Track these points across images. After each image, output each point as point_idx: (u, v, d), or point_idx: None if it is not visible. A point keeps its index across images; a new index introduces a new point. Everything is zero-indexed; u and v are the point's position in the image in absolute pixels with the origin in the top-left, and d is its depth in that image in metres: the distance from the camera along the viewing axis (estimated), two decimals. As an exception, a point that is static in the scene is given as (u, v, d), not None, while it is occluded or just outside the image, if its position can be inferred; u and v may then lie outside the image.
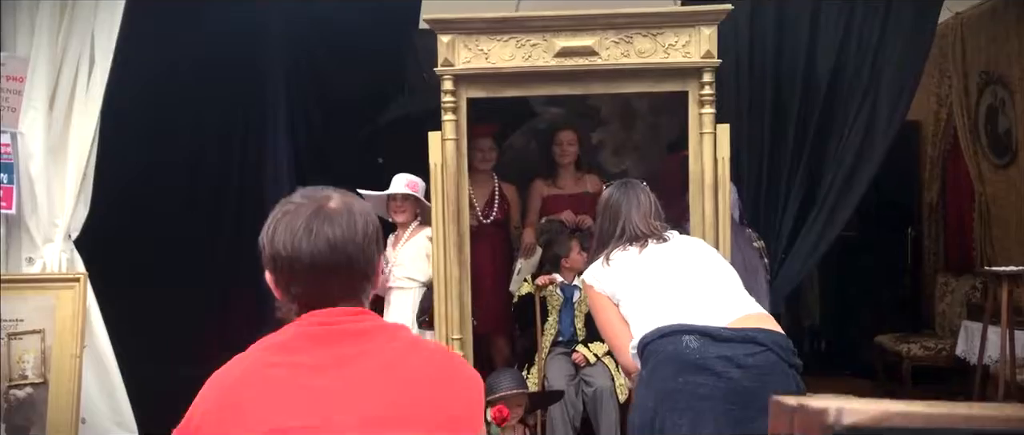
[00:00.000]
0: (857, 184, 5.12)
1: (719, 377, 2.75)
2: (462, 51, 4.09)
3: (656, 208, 3.28)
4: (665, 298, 2.98)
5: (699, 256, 3.18)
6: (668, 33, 4.07)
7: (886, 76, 4.98)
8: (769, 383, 2.70)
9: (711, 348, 2.80)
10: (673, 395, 2.80)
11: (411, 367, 1.59)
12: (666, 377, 2.81)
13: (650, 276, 3.06)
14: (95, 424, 4.10)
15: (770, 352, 2.82)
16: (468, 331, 4.22)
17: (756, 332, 2.86)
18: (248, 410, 1.53)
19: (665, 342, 2.85)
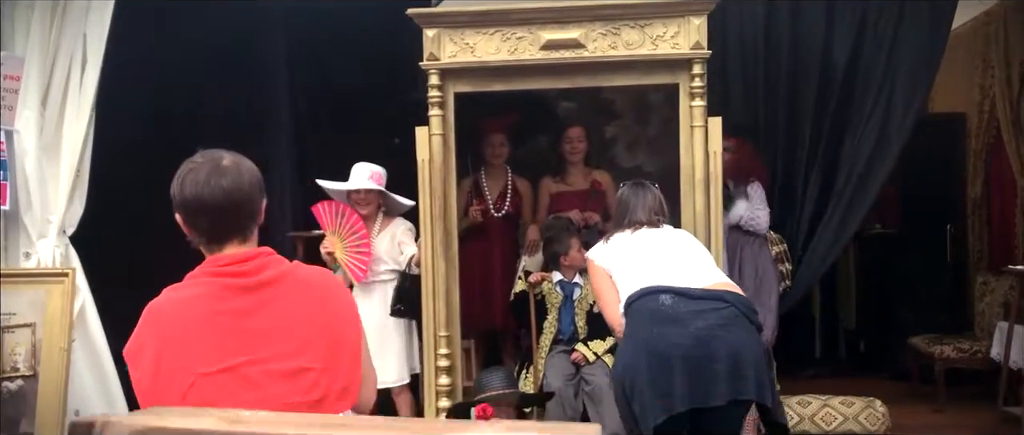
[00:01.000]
0: (873, 180, 5.02)
1: (686, 326, 3.26)
2: (448, 45, 4.05)
3: (661, 205, 3.76)
4: (649, 268, 3.49)
5: (681, 240, 3.68)
6: (656, 24, 3.98)
7: (902, 71, 4.93)
8: (731, 331, 3.27)
9: (683, 304, 3.32)
10: (648, 343, 3.29)
11: (309, 300, 2.08)
12: (643, 329, 3.34)
13: (638, 251, 3.59)
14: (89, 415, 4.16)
15: (733, 308, 3.33)
16: (456, 328, 4.18)
17: (725, 293, 3.40)
18: (198, 352, 1.97)
19: (646, 300, 3.38)
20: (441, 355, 4.12)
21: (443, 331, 4.13)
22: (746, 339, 3.31)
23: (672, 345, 3.26)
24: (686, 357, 3.24)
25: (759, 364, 3.33)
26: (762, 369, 3.34)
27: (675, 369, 3.23)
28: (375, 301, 4.56)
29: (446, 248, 4.14)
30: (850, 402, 5.55)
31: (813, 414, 5.47)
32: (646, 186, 3.80)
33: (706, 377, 3.23)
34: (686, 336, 3.26)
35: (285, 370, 1.99)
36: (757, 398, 3.31)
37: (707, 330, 3.27)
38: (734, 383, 3.26)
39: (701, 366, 3.23)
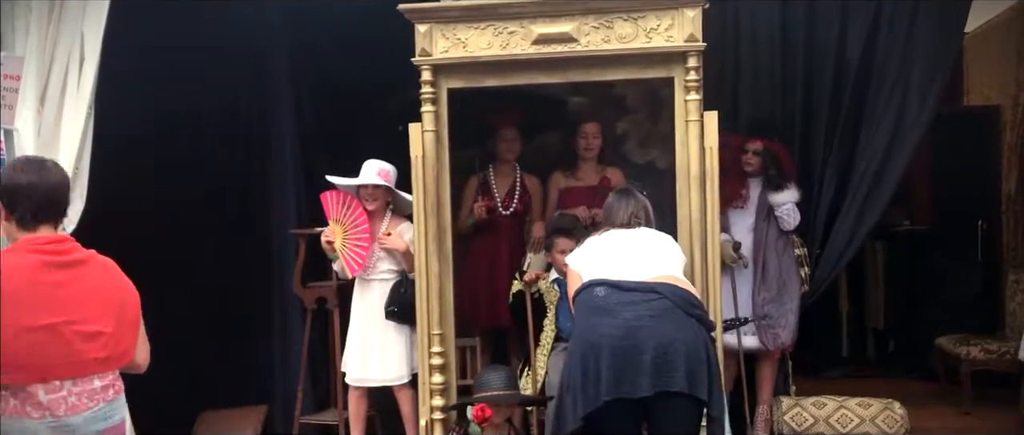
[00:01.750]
0: (889, 176, 4.92)
1: (616, 317, 3.34)
2: (439, 40, 4.01)
3: (645, 210, 3.80)
4: (602, 265, 3.57)
5: (645, 239, 3.69)
6: (650, 17, 3.89)
7: (917, 66, 4.82)
8: (660, 323, 3.32)
9: (615, 296, 3.41)
10: (584, 334, 3.42)
11: (107, 279, 2.71)
12: (581, 320, 3.48)
13: (602, 250, 3.67)
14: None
15: (666, 300, 3.37)
16: (449, 326, 4.14)
17: (658, 285, 3.42)
18: (23, 309, 2.47)
19: (584, 293, 3.51)
20: (434, 353, 4.08)
21: (436, 329, 4.08)
22: (676, 331, 3.33)
23: (601, 335, 3.34)
24: (614, 347, 3.30)
25: (692, 357, 3.30)
26: (696, 362, 3.30)
27: (603, 360, 3.30)
28: (375, 298, 4.54)
29: (439, 245, 4.09)
30: (867, 404, 5.40)
31: (828, 416, 5.33)
32: (632, 192, 3.87)
33: (632, 368, 3.28)
34: (615, 326, 3.33)
35: (87, 332, 2.56)
36: (688, 391, 3.28)
37: (635, 321, 3.33)
38: (661, 375, 3.26)
39: (627, 357, 3.29)
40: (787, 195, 4.91)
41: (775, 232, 4.98)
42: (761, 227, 4.99)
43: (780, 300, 5.07)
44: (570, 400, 3.41)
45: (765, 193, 5.04)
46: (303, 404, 4.83)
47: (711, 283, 3.93)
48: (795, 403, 5.30)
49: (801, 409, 5.29)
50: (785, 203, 4.94)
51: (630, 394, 3.31)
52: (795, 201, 4.94)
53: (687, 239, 3.93)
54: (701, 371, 3.34)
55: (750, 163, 4.99)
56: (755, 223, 5.05)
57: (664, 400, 3.33)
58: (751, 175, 5.02)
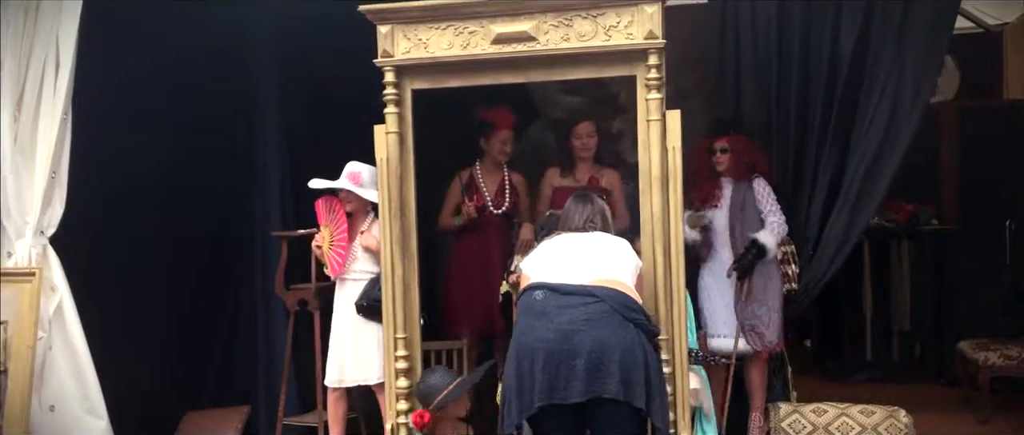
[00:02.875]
0: (881, 175, 4.78)
1: (552, 321, 3.30)
2: (401, 41, 3.97)
3: (601, 214, 3.80)
4: (548, 267, 3.55)
5: (593, 242, 3.66)
6: (609, 14, 3.79)
7: (908, 61, 4.68)
8: (596, 327, 3.26)
9: (553, 299, 3.37)
10: (520, 338, 3.39)
11: None
12: (519, 324, 3.46)
13: (550, 254, 3.65)
14: (66, 411, 4.30)
15: (603, 303, 3.32)
16: (414, 329, 4.10)
17: (596, 288, 3.37)
18: None
19: (525, 296, 3.49)
20: (399, 357, 4.05)
21: (400, 333, 4.05)
22: (611, 336, 3.26)
23: (537, 339, 3.30)
24: (548, 352, 3.26)
25: (627, 362, 3.23)
26: (632, 368, 3.23)
27: (537, 364, 3.27)
28: (350, 298, 4.55)
29: (404, 248, 4.06)
30: (871, 411, 5.19)
31: (828, 423, 5.14)
32: (590, 197, 3.88)
33: (565, 373, 3.23)
34: (550, 330, 3.29)
35: None
36: (622, 397, 3.21)
37: (570, 325, 3.27)
38: (594, 381, 3.20)
39: (561, 362, 3.24)
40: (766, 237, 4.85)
41: (750, 230, 4.89)
42: (736, 225, 4.88)
43: (762, 298, 4.95)
44: (506, 405, 3.38)
45: (738, 190, 4.96)
46: (287, 405, 4.86)
47: (675, 286, 3.82)
48: (793, 409, 5.13)
49: (800, 416, 5.12)
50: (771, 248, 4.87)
51: (563, 400, 3.26)
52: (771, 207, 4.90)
53: (650, 241, 3.81)
54: (637, 377, 3.26)
55: (720, 162, 4.95)
56: (729, 222, 4.96)
57: (600, 406, 3.28)
58: (723, 174, 4.97)
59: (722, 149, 4.95)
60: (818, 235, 4.95)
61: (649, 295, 3.81)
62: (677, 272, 3.83)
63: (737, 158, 4.92)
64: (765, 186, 4.95)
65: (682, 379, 3.86)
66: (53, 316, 4.28)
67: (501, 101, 4.96)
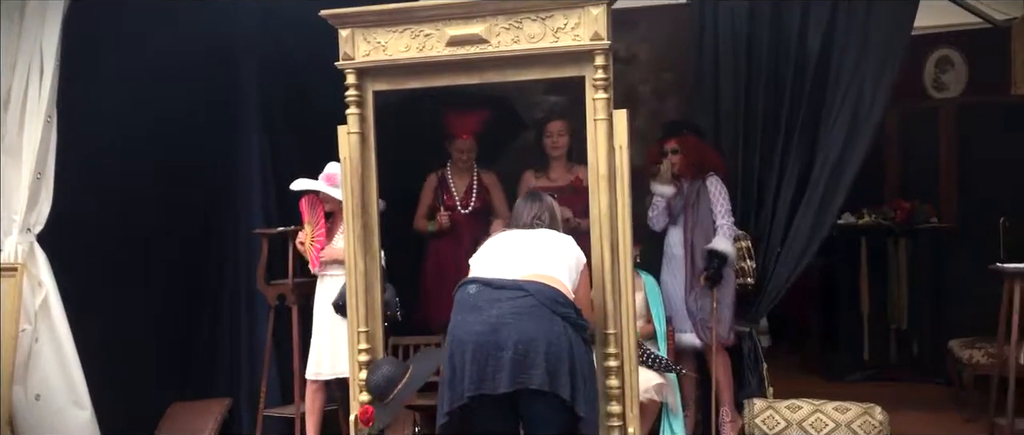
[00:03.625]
0: (846, 170, 4.83)
1: (482, 314, 3.42)
2: (361, 45, 4.09)
3: (550, 212, 3.91)
4: (488, 263, 3.69)
5: (535, 238, 3.77)
6: (557, 16, 3.87)
7: (870, 59, 4.76)
8: (523, 320, 3.37)
9: (485, 293, 3.50)
10: (452, 331, 3.51)
11: None
12: (453, 317, 3.56)
13: (492, 250, 3.78)
14: (51, 401, 4.50)
15: (531, 297, 3.41)
16: (376, 324, 4.22)
17: (526, 283, 3.47)
18: None
19: (459, 291, 3.62)
20: (362, 350, 4.17)
21: (363, 327, 4.18)
22: (537, 329, 3.36)
23: (467, 332, 3.44)
24: (477, 344, 3.39)
25: (553, 354, 3.32)
26: (557, 360, 3.32)
27: (467, 356, 3.40)
28: (327, 294, 4.70)
29: (366, 245, 4.18)
30: (845, 408, 5.20)
31: (802, 419, 5.16)
32: (540, 196, 4.00)
33: (493, 365, 3.35)
34: (480, 323, 3.41)
35: None
36: (547, 388, 3.30)
37: (498, 318, 3.39)
38: (520, 372, 3.30)
39: (489, 354, 3.36)
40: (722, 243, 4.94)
41: (703, 227, 4.98)
42: (689, 223, 4.95)
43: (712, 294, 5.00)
44: (439, 396, 3.51)
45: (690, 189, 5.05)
46: (270, 397, 5.02)
47: (623, 284, 3.89)
48: (768, 405, 5.16)
49: (774, 412, 5.14)
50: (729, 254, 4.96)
51: (492, 390, 3.37)
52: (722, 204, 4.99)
53: (598, 240, 3.89)
54: (562, 369, 3.35)
55: (674, 163, 5.05)
56: (683, 219, 5.05)
57: (528, 397, 3.38)
58: (678, 175, 5.07)
59: (673, 150, 5.07)
60: (784, 234, 4.99)
61: (598, 291, 3.91)
62: (625, 268, 3.90)
63: (686, 158, 5.01)
64: (717, 184, 5.03)
65: (631, 374, 3.94)
66: (39, 310, 4.49)
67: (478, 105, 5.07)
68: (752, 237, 5.14)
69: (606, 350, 3.90)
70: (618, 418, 3.90)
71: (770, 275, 5.09)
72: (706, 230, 5.03)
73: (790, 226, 4.98)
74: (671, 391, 4.73)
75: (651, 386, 4.64)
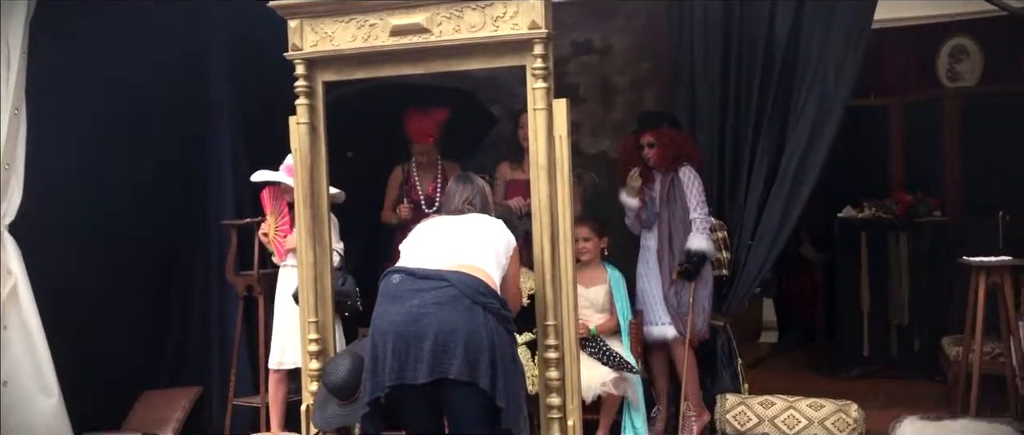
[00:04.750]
0: (812, 161, 4.77)
1: (403, 304, 3.41)
2: (309, 35, 4.10)
3: (481, 195, 3.90)
4: (415, 251, 3.67)
5: (467, 227, 3.74)
6: (496, 5, 3.84)
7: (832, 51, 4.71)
8: (443, 310, 3.35)
9: (407, 283, 3.47)
10: (375, 321, 3.50)
11: None
12: (376, 307, 3.54)
13: (420, 237, 3.77)
14: (18, 386, 4.59)
15: (453, 288, 3.40)
16: (327, 312, 4.24)
17: (449, 274, 3.45)
18: None
19: (384, 280, 3.59)
20: (312, 340, 4.20)
21: (313, 317, 4.20)
22: (457, 319, 3.34)
23: (389, 322, 3.42)
24: (397, 334, 3.37)
25: (472, 345, 3.31)
26: (476, 350, 3.31)
27: (388, 346, 3.39)
28: (288, 284, 4.73)
29: (316, 235, 4.20)
30: (819, 405, 5.13)
31: (775, 416, 5.10)
32: (471, 179, 3.97)
33: (414, 355, 3.34)
34: (401, 313, 3.40)
35: None
36: (466, 378, 3.29)
37: (419, 308, 3.37)
38: (438, 362, 3.29)
39: (410, 344, 3.35)
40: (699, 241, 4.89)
41: (678, 219, 4.91)
42: (664, 216, 4.88)
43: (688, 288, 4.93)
44: (362, 386, 3.53)
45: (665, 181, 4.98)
46: (239, 387, 5.08)
47: (563, 274, 3.86)
48: (740, 401, 5.09)
49: (746, 408, 5.08)
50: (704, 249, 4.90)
51: (413, 380, 3.36)
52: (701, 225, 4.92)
53: (538, 231, 3.86)
54: (482, 359, 3.33)
55: (649, 156, 4.99)
56: (659, 212, 4.99)
57: (449, 387, 3.37)
58: (655, 167, 5.00)
59: (649, 144, 4.99)
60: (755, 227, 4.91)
61: (538, 282, 3.88)
62: (565, 259, 3.87)
63: (664, 150, 4.95)
64: (691, 174, 4.96)
65: (572, 364, 3.90)
66: (7, 298, 4.57)
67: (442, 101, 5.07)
68: (728, 227, 5.07)
69: (546, 341, 3.88)
70: (558, 410, 3.87)
71: (742, 268, 4.99)
72: (681, 222, 4.96)
73: (759, 218, 4.89)
74: (631, 385, 4.67)
75: (609, 380, 4.59)
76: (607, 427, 4.72)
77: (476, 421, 3.42)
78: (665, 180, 4.96)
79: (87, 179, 4.96)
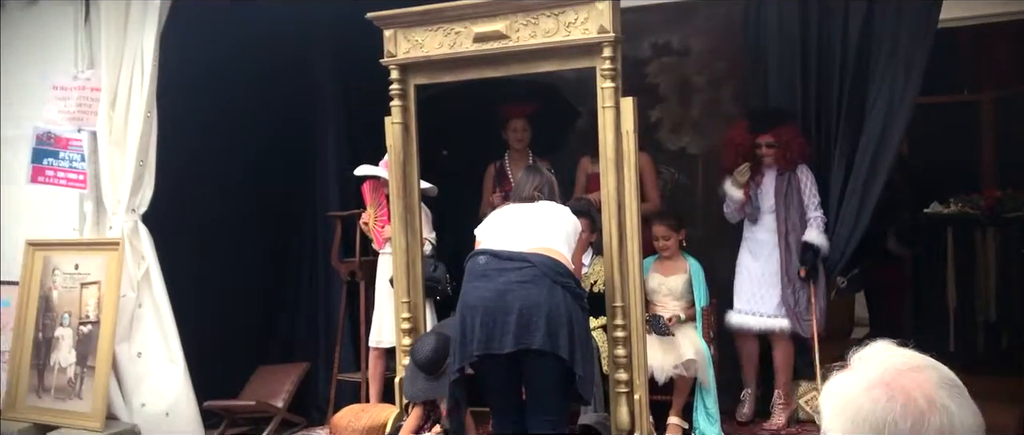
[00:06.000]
0: (883, 159, 4.94)
1: (491, 282, 3.80)
2: (402, 43, 4.54)
3: (549, 185, 4.27)
4: (495, 235, 4.05)
5: (538, 212, 4.11)
6: (569, 12, 4.19)
7: (901, 52, 4.81)
8: (527, 288, 3.74)
9: (493, 263, 3.86)
10: (465, 297, 3.91)
11: None
12: (464, 284, 3.94)
13: (499, 222, 4.14)
14: (151, 356, 5.18)
15: (535, 268, 3.79)
16: (418, 294, 4.65)
17: (530, 255, 3.84)
18: None
19: (471, 261, 3.99)
20: (404, 318, 4.63)
21: (405, 297, 4.63)
22: (540, 296, 3.72)
23: (477, 298, 3.82)
24: (486, 309, 3.76)
25: (553, 319, 3.66)
26: (557, 324, 3.65)
27: (477, 319, 3.77)
28: (387, 270, 5.17)
29: (407, 224, 4.63)
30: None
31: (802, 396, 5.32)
32: (539, 170, 4.38)
33: (500, 327, 3.72)
34: (489, 290, 3.79)
35: None
36: (547, 349, 3.65)
37: (505, 286, 3.76)
38: (523, 334, 3.65)
39: (496, 317, 3.73)
40: (814, 235, 5.03)
41: (796, 216, 5.06)
42: (780, 213, 5.09)
43: (806, 287, 5.10)
44: (452, 355, 3.93)
45: (782, 179, 5.13)
46: (343, 363, 5.56)
47: (630, 260, 4.17)
48: (812, 388, 5.28)
49: (818, 394, 5.26)
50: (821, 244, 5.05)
51: (498, 350, 3.74)
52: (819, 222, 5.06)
53: (607, 219, 4.19)
54: (562, 332, 3.69)
55: (767, 155, 5.14)
56: (775, 208, 5.16)
57: (529, 357, 3.74)
58: (773, 167, 5.16)
59: (768, 144, 5.10)
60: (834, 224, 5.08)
61: (607, 267, 4.22)
62: (632, 244, 4.18)
63: (784, 151, 5.06)
64: (809, 175, 5.08)
65: (638, 343, 4.21)
66: (141, 280, 5.16)
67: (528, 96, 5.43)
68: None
69: (614, 321, 4.20)
70: (625, 385, 4.20)
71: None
72: (799, 220, 5.09)
73: (838, 216, 5.05)
74: (701, 367, 4.92)
75: (681, 363, 4.86)
76: (680, 408, 4.98)
77: (554, 388, 3.79)
78: (782, 178, 5.08)
79: (208, 175, 5.51)
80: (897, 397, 1.42)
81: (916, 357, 1.51)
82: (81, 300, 5.10)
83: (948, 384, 1.47)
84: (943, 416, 1.43)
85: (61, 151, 5.26)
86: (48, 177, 5.27)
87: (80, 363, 5.04)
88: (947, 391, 1.45)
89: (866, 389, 1.45)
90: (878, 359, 1.49)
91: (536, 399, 3.91)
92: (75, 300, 5.11)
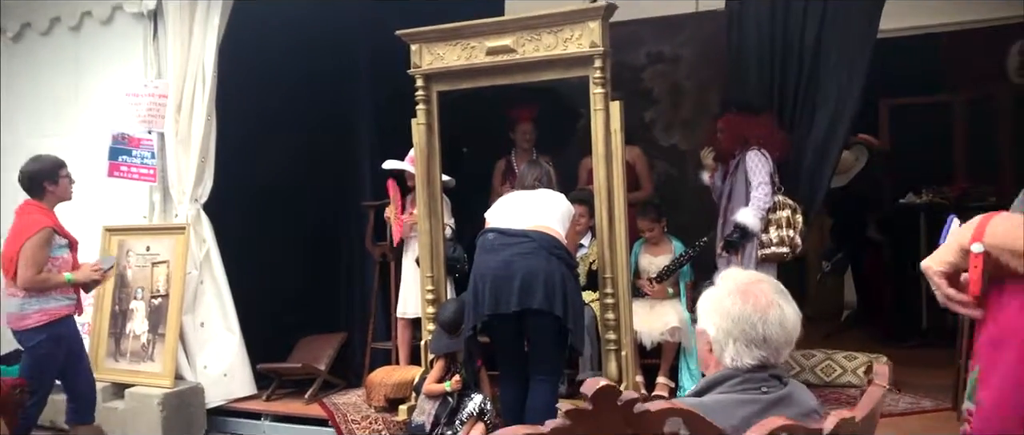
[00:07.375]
0: (829, 153, 5.54)
1: (498, 255, 4.59)
2: (426, 55, 5.34)
3: (547, 175, 5.08)
4: (502, 216, 4.83)
5: (536, 197, 4.89)
6: (566, 29, 4.96)
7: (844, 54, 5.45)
8: (528, 259, 4.52)
9: (500, 239, 4.66)
10: (476, 267, 4.71)
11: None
12: (476, 257, 4.74)
13: (504, 206, 4.92)
14: (212, 327, 6.01)
15: (534, 242, 4.57)
16: (440, 270, 5.46)
17: (531, 232, 4.63)
18: None
19: (482, 238, 4.79)
20: (428, 291, 5.43)
21: (429, 272, 5.43)
22: (538, 265, 4.51)
23: (487, 268, 4.62)
24: (494, 276, 4.57)
25: (551, 284, 4.45)
26: (553, 288, 4.44)
27: (487, 286, 4.57)
28: (413, 251, 5.97)
29: (430, 210, 5.43)
30: (853, 357, 6.03)
31: (815, 366, 6.01)
32: (539, 163, 5.21)
33: (506, 291, 4.50)
34: (496, 261, 4.59)
35: None
36: (546, 308, 4.43)
37: (510, 257, 4.55)
38: (525, 296, 4.45)
39: (503, 283, 4.53)
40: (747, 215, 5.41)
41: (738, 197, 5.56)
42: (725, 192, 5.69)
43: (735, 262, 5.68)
44: (465, 315, 4.75)
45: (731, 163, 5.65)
46: (376, 333, 6.36)
47: (618, 239, 4.94)
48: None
49: (790, 360, 5.99)
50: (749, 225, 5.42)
51: (505, 310, 4.54)
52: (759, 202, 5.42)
53: (599, 205, 4.96)
54: (557, 294, 4.49)
55: (719, 140, 5.72)
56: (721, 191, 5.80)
57: (530, 316, 4.54)
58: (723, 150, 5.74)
59: (719, 130, 5.75)
60: None
61: (599, 245, 5.01)
62: (619, 225, 4.95)
63: (728, 134, 5.62)
64: (755, 156, 5.46)
65: (625, 309, 4.98)
66: (203, 260, 6.00)
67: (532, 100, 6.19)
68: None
69: (604, 290, 4.98)
70: (614, 343, 4.98)
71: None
72: (741, 201, 5.53)
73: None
74: (685, 334, 5.67)
75: (666, 330, 5.62)
76: (666, 370, 5.73)
77: (552, 341, 4.59)
78: (733, 162, 5.64)
79: (259, 169, 6.33)
80: (749, 299, 2.17)
81: (756, 274, 2.27)
82: (152, 277, 5.94)
83: (780, 291, 2.22)
84: (778, 310, 2.17)
85: (134, 149, 6.11)
86: (123, 172, 6.11)
87: (152, 331, 5.89)
88: (780, 295, 2.20)
89: (728, 295, 2.21)
90: (732, 277, 2.26)
91: (537, 351, 4.70)
92: (147, 277, 5.96)
